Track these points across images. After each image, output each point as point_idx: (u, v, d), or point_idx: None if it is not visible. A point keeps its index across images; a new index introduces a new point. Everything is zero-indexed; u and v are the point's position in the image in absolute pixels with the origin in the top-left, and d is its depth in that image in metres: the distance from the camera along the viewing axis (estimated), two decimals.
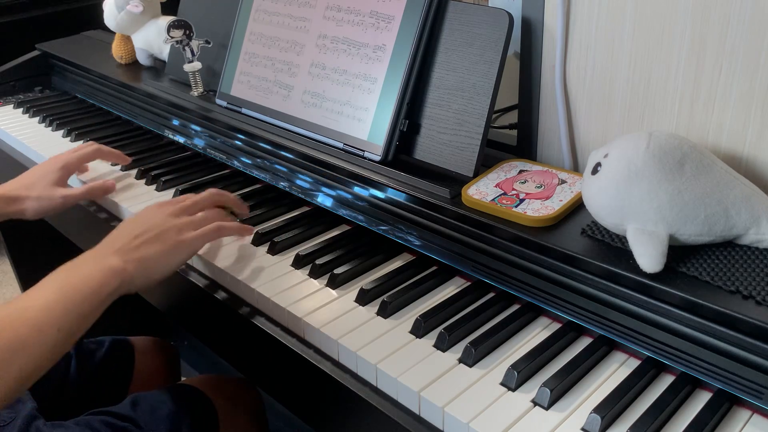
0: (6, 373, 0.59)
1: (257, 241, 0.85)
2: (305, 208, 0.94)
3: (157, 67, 1.30)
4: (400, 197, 0.79)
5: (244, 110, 1.01)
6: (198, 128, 1.07)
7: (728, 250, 0.64)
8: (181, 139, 1.12)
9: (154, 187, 1.02)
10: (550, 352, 0.65)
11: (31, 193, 0.95)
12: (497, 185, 0.76)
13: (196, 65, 1.08)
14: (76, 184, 1.06)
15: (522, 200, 0.72)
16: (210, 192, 0.85)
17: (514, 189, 0.75)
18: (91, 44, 1.49)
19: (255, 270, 0.80)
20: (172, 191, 1.00)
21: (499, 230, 0.70)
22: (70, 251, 1.28)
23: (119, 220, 0.99)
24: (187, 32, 1.07)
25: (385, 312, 0.71)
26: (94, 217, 1.02)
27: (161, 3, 1.30)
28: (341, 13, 0.90)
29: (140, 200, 0.98)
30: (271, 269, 0.80)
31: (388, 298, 0.72)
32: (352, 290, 0.75)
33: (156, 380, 1.07)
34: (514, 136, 0.87)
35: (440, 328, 0.67)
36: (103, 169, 1.09)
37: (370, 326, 0.70)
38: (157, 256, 0.73)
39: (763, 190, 0.65)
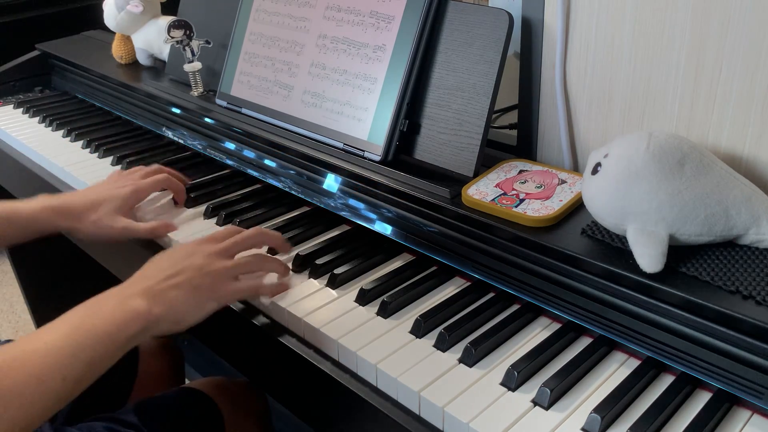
0: None
1: None
2: (305, 208, 0.94)
3: (157, 67, 1.30)
4: (400, 197, 0.79)
5: (244, 110, 1.01)
6: (198, 128, 1.07)
7: (728, 250, 0.64)
8: (181, 140, 1.12)
9: None
10: (550, 352, 0.65)
11: (92, 215, 0.86)
12: (497, 185, 0.76)
13: (196, 65, 1.08)
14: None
15: (522, 200, 0.72)
16: (256, 230, 0.77)
17: (514, 189, 0.75)
18: (91, 44, 1.49)
19: None
20: None
21: (499, 230, 0.70)
22: (71, 251, 1.29)
23: None
24: (187, 32, 1.07)
25: (385, 312, 0.71)
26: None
27: (161, 3, 1.30)
28: (341, 13, 0.90)
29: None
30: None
31: (388, 298, 0.72)
32: (352, 290, 0.75)
33: (160, 382, 1.07)
34: (514, 136, 0.87)
35: (440, 328, 0.67)
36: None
37: (370, 326, 0.70)
38: (189, 303, 0.66)
39: (763, 190, 0.65)
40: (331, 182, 0.87)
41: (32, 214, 0.84)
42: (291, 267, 0.80)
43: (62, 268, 1.63)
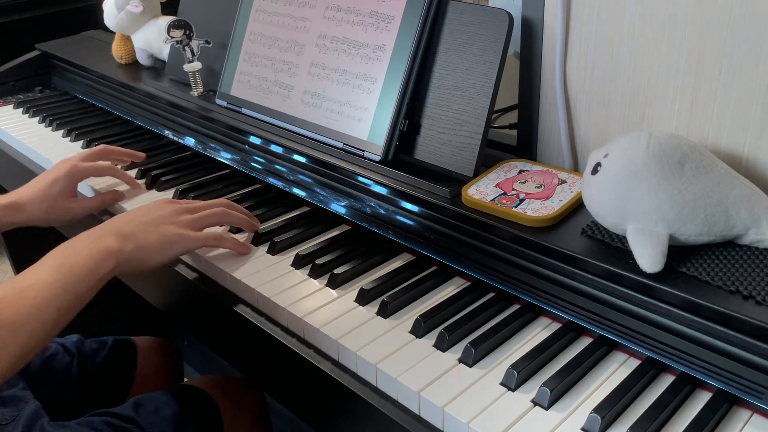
0: (6, 351, 0.60)
1: (257, 241, 0.85)
2: (305, 208, 0.94)
3: (157, 67, 1.30)
4: (400, 197, 0.79)
5: (244, 110, 1.01)
6: (198, 128, 1.07)
7: (728, 250, 0.64)
8: (180, 139, 1.12)
9: (154, 186, 1.02)
10: (550, 352, 0.65)
11: (41, 204, 0.92)
12: (497, 185, 0.76)
13: (196, 65, 1.08)
14: (85, 190, 1.05)
15: (522, 200, 0.72)
16: (221, 202, 0.86)
17: (514, 189, 0.75)
18: (91, 44, 1.49)
19: (255, 270, 0.80)
20: (172, 191, 1.00)
21: (499, 230, 0.70)
22: None
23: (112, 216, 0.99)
24: (187, 32, 1.07)
25: (385, 312, 0.71)
26: (94, 217, 1.01)
27: (161, 3, 1.30)
28: (341, 13, 0.90)
29: (138, 201, 0.98)
30: (271, 269, 0.80)
31: (388, 298, 0.72)
32: (352, 290, 0.75)
33: (159, 380, 1.07)
34: (514, 136, 0.87)
35: (440, 328, 0.67)
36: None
37: (370, 326, 0.69)
38: (154, 244, 0.75)
39: (763, 190, 0.65)
40: (331, 183, 0.87)
41: None
42: (291, 265, 0.80)
43: None
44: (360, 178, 0.83)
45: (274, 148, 0.94)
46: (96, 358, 1.02)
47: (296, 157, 0.91)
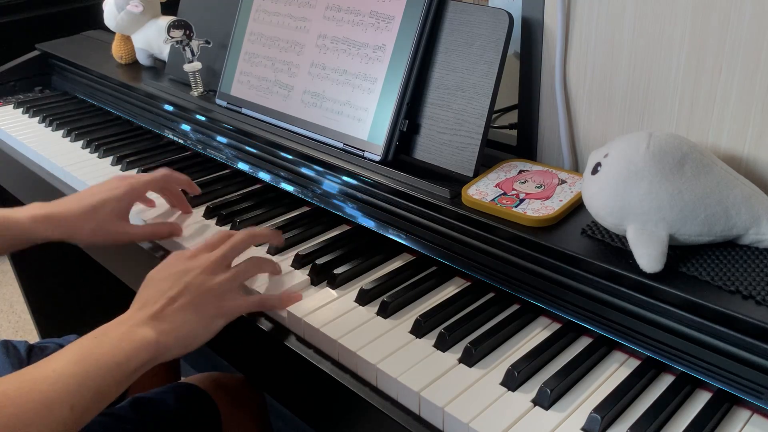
0: None
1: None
2: (305, 208, 0.94)
3: (157, 67, 1.30)
4: (399, 197, 0.79)
5: (244, 110, 1.01)
6: (198, 128, 1.07)
7: (728, 250, 0.64)
8: (181, 140, 1.12)
9: None
10: (550, 352, 0.65)
11: (89, 223, 0.82)
12: (497, 185, 0.76)
13: (196, 65, 1.09)
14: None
15: (522, 200, 0.72)
16: (246, 233, 0.75)
17: (514, 189, 0.75)
18: (91, 44, 1.49)
19: None
20: None
21: (499, 230, 0.70)
22: (71, 252, 1.28)
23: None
24: (187, 32, 1.07)
25: (385, 312, 0.71)
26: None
27: (161, 3, 1.30)
28: (341, 13, 0.90)
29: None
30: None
31: (388, 298, 0.72)
32: (352, 290, 0.75)
33: (156, 378, 1.07)
34: (514, 136, 0.87)
35: (440, 328, 0.67)
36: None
37: (370, 326, 0.69)
38: (196, 324, 0.66)
39: (763, 190, 0.65)
40: (331, 182, 0.87)
41: (24, 225, 0.80)
42: (291, 265, 0.80)
43: (62, 268, 1.63)
44: (360, 178, 0.83)
45: (273, 148, 0.94)
46: None
47: (296, 157, 0.91)
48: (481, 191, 0.75)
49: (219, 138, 1.03)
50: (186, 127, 1.10)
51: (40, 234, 0.81)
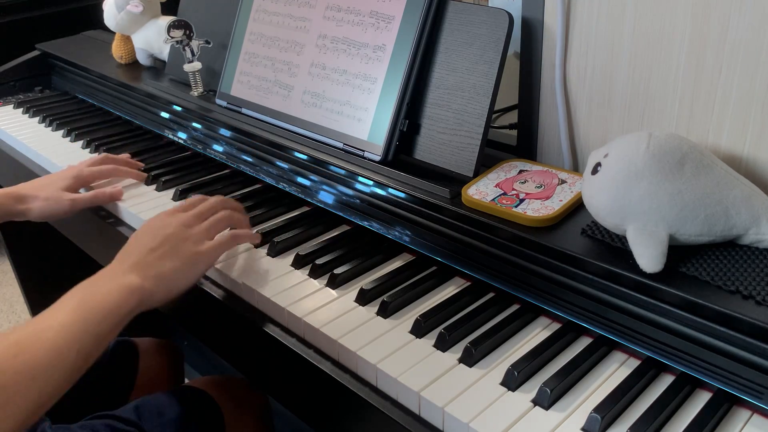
0: (24, 399, 0.57)
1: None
2: (305, 208, 0.94)
3: (157, 67, 1.30)
4: (400, 197, 0.79)
5: (244, 110, 1.01)
6: (198, 128, 1.07)
7: (728, 250, 0.64)
8: (181, 140, 1.12)
9: (154, 187, 1.02)
10: (550, 352, 0.65)
11: (39, 194, 0.95)
12: (497, 185, 0.76)
13: (196, 65, 1.09)
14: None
15: (522, 200, 0.72)
16: (219, 199, 0.83)
17: (514, 189, 0.75)
18: (91, 44, 1.49)
19: (255, 270, 0.80)
20: (172, 191, 1.00)
21: (499, 230, 0.70)
22: (71, 251, 1.29)
23: (116, 217, 0.99)
24: (187, 32, 1.07)
25: (385, 312, 0.71)
26: (93, 216, 1.02)
27: (161, 3, 1.30)
28: (341, 13, 0.90)
29: (139, 200, 0.98)
30: (271, 269, 0.80)
31: (388, 298, 0.72)
32: (352, 290, 0.75)
33: (160, 381, 1.07)
34: (514, 136, 0.87)
35: (440, 328, 0.67)
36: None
37: (370, 326, 0.69)
38: (176, 270, 0.71)
39: (763, 190, 0.65)
40: (331, 183, 0.87)
41: None
42: (291, 265, 0.80)
43: (62, 268, 1.63)
44: (360, 178, 0.83)
45: (274, 148, 0.94)
46: (98, 360, 1.02)
47: (296, 156, 0.91)
48: (481, 191, 0.75)
49: (219, 138, 1.03)
50: (186, 126, 1.10)
51: (4, 210, 0.94)
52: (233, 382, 0.98)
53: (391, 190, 0.80)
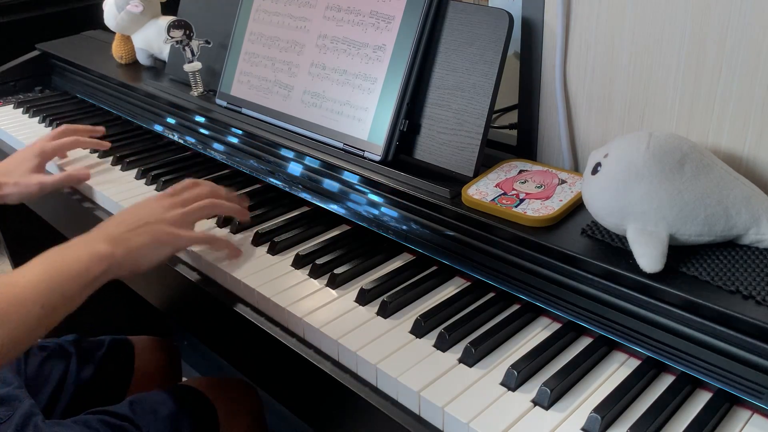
0: None
1: (257, 241, 0.85)
2: (305, 208, 0.94)
3: (157, 67, 1.30)
4: (400, 197, 0.79)
5: (244, 110, 1.01)
6: (198, 128, 1.07)
7: (728, 250, 0.64)
8: (181, 140, 1.12)
9: (154, 187, 1.02)
10: (550, 352, 0.65)
11: (8, 179, 0.98)
12: (497, 185, 0.76)
13: (196, 65, 1.08)
14: (53, 170, 1.11)
15: (522, 200, 0.72)
16: (208, 191, 0.85)
17: (514, 189, 0.75)
18: (91, 44, 1.49)
19: (255, 270, 0.80)
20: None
21: (499, 230, 0.70)
22: None
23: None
24: (187, 32, 1.07)
25: (385, 312, 0.71)
26: (92, 215, 1.02)
27: (161, 3, 1.30)
28: (341, 13, 0.90)
29: (139, 199, 0.98)
30: (271, 269, 0.80)
31: (388, 298, 0.72)
32: (352, 290, 0.75)
33: (156, 380, 1.07)
34: (514, 136, 0.87)
35: (440, 328, 0.67)
36: (80, 154, 1.15)
37: (370, 326, 0.69)
38: (146, 246, 0.74)
39: (763, 190, 0.65)
40: (331, 183, 0.87)
41: None
42: (291, 265, 0.80)
43: None
44: (360, 178, 0.83)
45: (274, 148, 0.94)
46: (93, 358, 1.02)
47: (296, 156, 0.91)
48: (482, 191, 0.75)
49: (219, 138, 1.03)
50: (186, 126, 1.10)
51: None
52: (228, 383, 0.99)
53: (391, 190, 0.80)
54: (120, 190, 1.02)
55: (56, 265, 0.67)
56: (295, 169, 0.92)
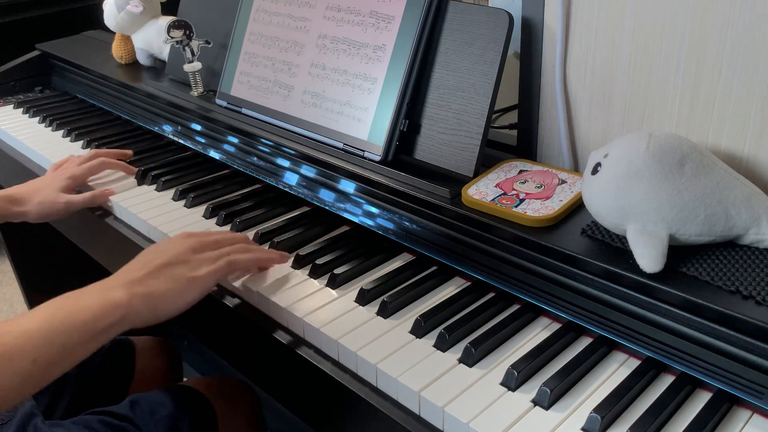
0: None
1: (257, 241, 0.85)
2: (305, 208, 0.94)
3: (157, 67, 1.30)
4: (400, 197, 0.79)
5: (244, 110, 1.01)
6: (198, 128, 1.07)
7: (728, 250, 0.64)
8: (181, 140, 1.12)
9: (154, 187, 1.02)
10: (550, 352, 0.65)
11: (35, 197, 0.97)
12: (497, 185, 0.76)
13: (196, 65, 1.09)
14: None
15: (522, 200, 0.72)
16: (243, 236, 0.80)
17: (514, 189, 0.75)
18: (91, 44, 1.49)
19: (255, 270, 0.80)
20: (172, 191, 1.00)
21: (499, 230, 0.70)
22: (70, 251, 1.29)
23: (115, 217, 0.99)
24: (187, 32, 1.07)
25: (385, 312, 0.71)
26: (91, 215, 1.02)
27: (161, 3, 1.30)
28: (341, 13, 0.90)
29: (139, 200, 0.98)
30: (271, 269, 0.80)
31: (388, 298, 0.72)
32: (352, 290, 0.75)
33: (157, 380, 1.07)
34: (514, 136, 0.87)
35: (440, 328, 0.67)
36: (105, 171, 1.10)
37: (370, 326, 0.69)
38: (166, 292, 0.67)
39: (763, 190, 0.65)
40: (331, 183, 0.87)
41: None
42: (291, 266, 0.80)
43: (62, 268, 1.64)
44: (360, 178, 0.83)
45: (274, 148, 0.94)
46: (94, 358, 1.02)
47: (296, 156, 0.91)
48: (481, 191, 0.75)
49: (219, 138, 1.03)
50: (186, 127, 1.10)
51: (1, 212, 0.95)
52: (226, 382, 0.99)
53: (391, 190, 0.80)
54: (118, 190, 1.02)
55: (60, 313, 0.60)
56: (295, 169, 0.92)
